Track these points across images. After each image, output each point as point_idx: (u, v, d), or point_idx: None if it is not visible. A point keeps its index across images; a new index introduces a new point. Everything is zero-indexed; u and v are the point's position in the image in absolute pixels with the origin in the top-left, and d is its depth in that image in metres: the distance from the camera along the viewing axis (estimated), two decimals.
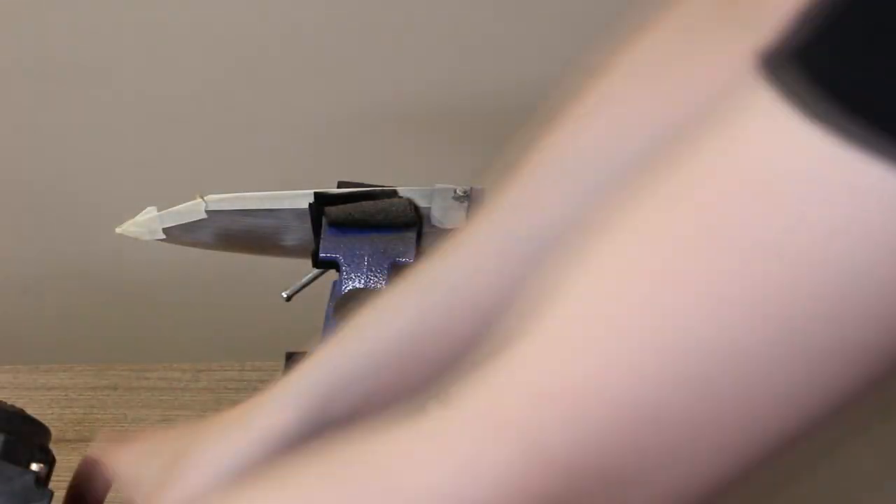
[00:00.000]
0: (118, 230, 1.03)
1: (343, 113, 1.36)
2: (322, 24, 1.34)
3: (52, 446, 1.04)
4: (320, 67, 1.35)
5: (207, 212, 1.01)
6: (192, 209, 1.01)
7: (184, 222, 1.02)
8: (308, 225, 1.02)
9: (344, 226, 1.00)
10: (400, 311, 0.68)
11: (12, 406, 0.77)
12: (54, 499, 0.73)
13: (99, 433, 0.76)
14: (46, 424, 0.98)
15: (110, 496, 0.78)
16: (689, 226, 0.48)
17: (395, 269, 0.96)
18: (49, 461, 0.75)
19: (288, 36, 1.34)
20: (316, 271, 1.02)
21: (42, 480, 0.72)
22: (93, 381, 1.10)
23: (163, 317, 1.41)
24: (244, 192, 1.02)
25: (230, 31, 1.34)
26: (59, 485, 1.00)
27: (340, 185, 1.03)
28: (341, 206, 1.01)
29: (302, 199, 1.01)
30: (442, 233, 0.94)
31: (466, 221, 0.69)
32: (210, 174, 1.36)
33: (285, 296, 0.99)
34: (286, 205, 1.01)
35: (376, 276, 0.96)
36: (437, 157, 1.37)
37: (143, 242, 1.04)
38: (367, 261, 0.99)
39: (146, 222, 1.02)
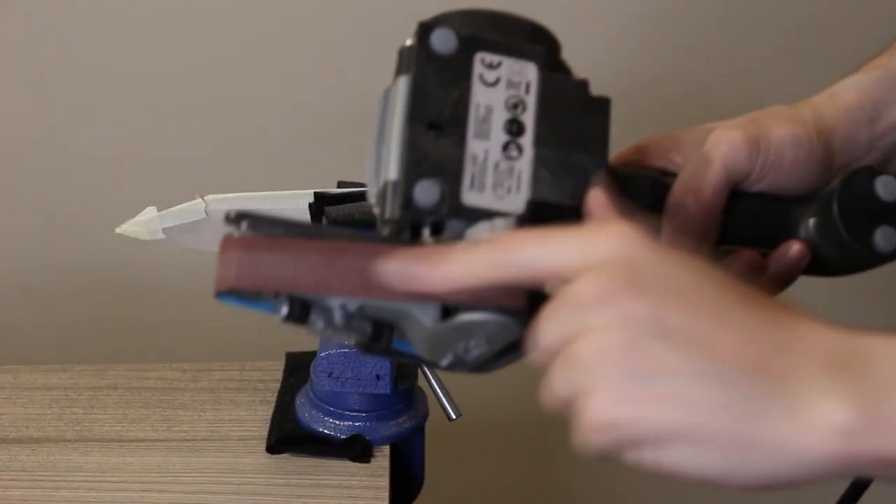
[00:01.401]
0: (118, 230, 1.03)
1: (343, 113, 1.36)
2: (323, 24, 1.34)
3: (51, 446, 1.04)
4: (321, 68, 1.35)
5: (207, 212, 1.01)
6: (192, 209, 1.01)
7: (184, 222, 1.02)
8: None
9: (344, 225, 1.00)
10: None
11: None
12: None
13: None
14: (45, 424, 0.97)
15: None
16: None
17: None
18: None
19: (288, 36, 1.34)
20: None
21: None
22: (93, 381, 1.10)
23: (163, 317, 1.41)
24: (244, 192, 1.02)
25: (231, 31, 1.34)
26: (60, 484, 1.01)
27: (340, 185, 1.03)
28: (341, 206, 1.01)
29: (302, 199, 1.01)
30: None
31: None
32: (210, 174, 1.36)
33: None
34: (286, 205, 1.01)
35: None
36: None
37: (143, 242, 1.04)
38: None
39: (146, 222, 1.02)
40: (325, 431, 1.02)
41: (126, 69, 1.34)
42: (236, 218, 0.65)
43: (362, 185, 1.03)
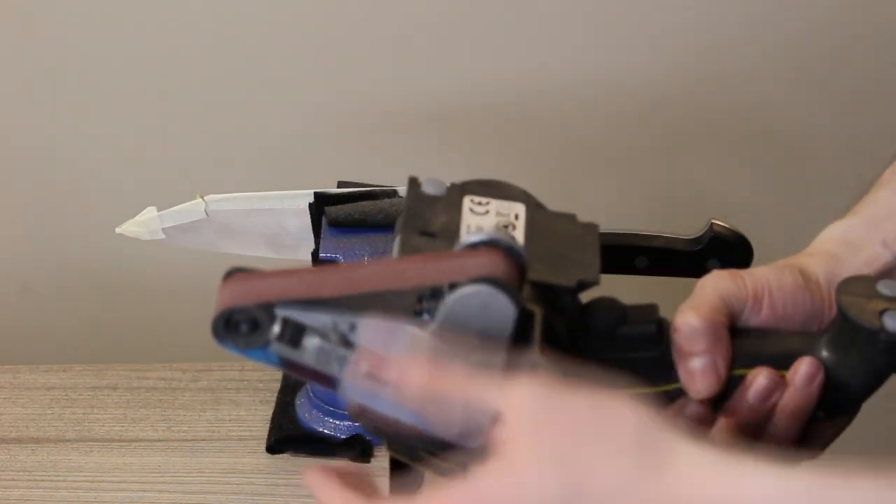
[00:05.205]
0: (118, 230, 1.03)
1: (343, 113, 1.36)
2: (322, 24, 1.34)
3: (51, 446, 1.05)
4: (320, 67, 1.35)
5: (207, 212, 1.01)
6: (192, 209, 1.02)
7: (184, 222, 1.02)
8: (308, 225, 1.02)
9: (344, 226, 1.00)
10: None
11: None
12: None
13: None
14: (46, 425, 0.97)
15: None
16: None
17: None
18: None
19: (288, 36, 1.34)
20: None
21: None
22: (93, 381, 1.10)
23: (163, 317, 1.41)
24: (244, 192, 1.02)
25: (231, 30, 1.34)
26: (59, 484, 1.01)
27: (340, 185, 1.03)
28: (341, 206, 1.01)
29: (302, 199, 1.01)
30: None
31: None
32: (210, 174, 1.36)
33: None
34: (286, 205, 1.02)
35: None
36: (436, 157, 1.37)
37: (143, 242, 1.04)
38: (367, 260, 0.99)
39: (146, 222, 1.02)
40: (325, 431, 1.02)
41: (126, 69, 1.34)
42: (228, 272, 0.70)
43: (362, 185, 1.03)
